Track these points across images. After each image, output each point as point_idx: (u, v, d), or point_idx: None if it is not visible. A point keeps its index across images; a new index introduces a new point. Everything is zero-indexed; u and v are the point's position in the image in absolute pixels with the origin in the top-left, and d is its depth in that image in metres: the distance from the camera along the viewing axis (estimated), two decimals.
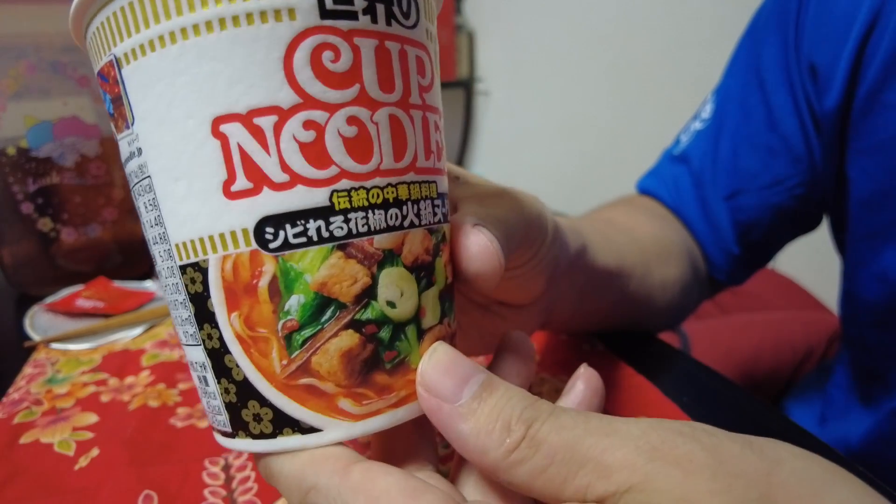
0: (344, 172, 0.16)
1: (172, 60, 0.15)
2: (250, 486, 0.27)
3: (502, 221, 0.22)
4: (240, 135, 0.15)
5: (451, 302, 0.19)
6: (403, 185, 0.17)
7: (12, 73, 0.45)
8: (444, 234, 0.19)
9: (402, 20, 0.16)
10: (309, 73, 0.15)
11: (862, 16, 0.35)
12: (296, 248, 0.16)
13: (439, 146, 0.19)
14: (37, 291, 0.50)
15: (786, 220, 0.45)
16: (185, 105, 0.15)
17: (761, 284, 0.89)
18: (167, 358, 0.39)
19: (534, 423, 0.16)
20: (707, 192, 0.46)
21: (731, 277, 0.48)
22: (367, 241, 0.16)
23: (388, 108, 0.16)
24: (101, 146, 0.49)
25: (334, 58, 0.15)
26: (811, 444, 0.29)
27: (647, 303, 0.40)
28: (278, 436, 0.17)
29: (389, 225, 0.16)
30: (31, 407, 0.34)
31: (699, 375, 0.37)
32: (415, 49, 0.17)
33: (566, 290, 0.32)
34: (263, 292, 0.16)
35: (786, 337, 0.68)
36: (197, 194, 0.16)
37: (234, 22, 0.15)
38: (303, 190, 0.15)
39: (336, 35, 0.15)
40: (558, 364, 0.37)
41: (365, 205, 0.16)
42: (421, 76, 0.17)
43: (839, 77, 0.37)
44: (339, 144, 0.15)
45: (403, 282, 0.17)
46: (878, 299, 0.40)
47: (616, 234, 0.39)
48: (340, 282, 0.16)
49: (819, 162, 0.41)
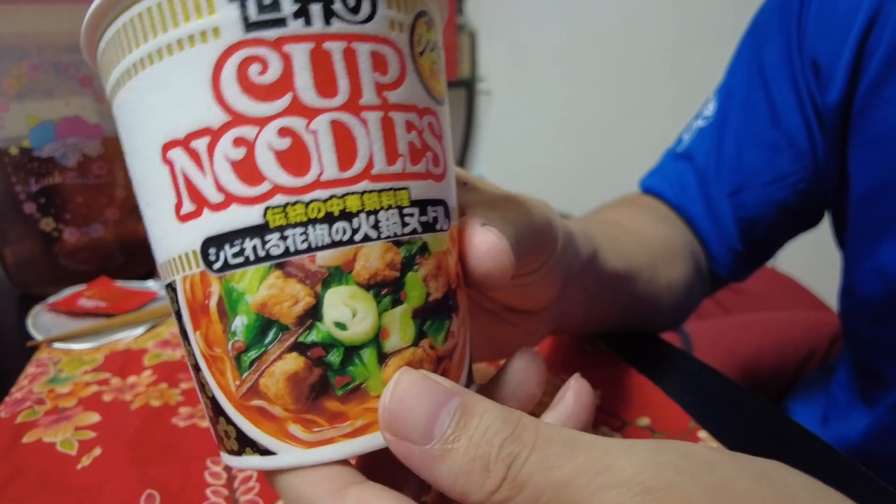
0: (278, 188, 0.15)
1: (132, 93, 0.16)
2: (252, 486, 0.27)
3: (511, 223, 0.21)
4: (181, 159, 0.15)
5: (440, 320, 0.17)
6: (354, 195, 0.15)
7: (15, 73, 0.45)
8: (426, 244, 0.17)
9: (346, 16, 0.15)
10: (236, 89, 0.15)
11: (863, 13, 0.36)
12: (235, 268, 0.15)
13: (418, 148, 0.17)
14: (39, 291, 0.50)
15: (788, 216, 0.45)
16: (143, 134, 0.16)
17: (763, 284, 0.89)
18: (169, 357, 0.39)
19: (515, 460, 0.15)
20: (711, 188, 0.46)
21: (733, 274, 0.48)
22: (309, 258, 0.15)
23: (329, 113, 0.15)
24: (104, 146, 0.50)
25: (262, 70, 0.15)
26: (813, 444, 0.29)
27: (654, 304, 0.40)
28: (243, 454, 0.17)
29: (335, 240, 0.15)
30: (34, 406, 0.34)
31: (701, 375, 0.37)
32: (369, 45, 0.16)
33: (577, 295, 0.31)
34: (214, 313, 0.16)
35: (788, 337, 0.68)
36: (160, 218, 0.16)
37: (168, 50, 0.15)
38: (237, 209, 0.15)
39: (263, 46, 0.15)
40: (560, 364, 0.37)
41: (303, 220, 0.15)
42: (380, 73, 0.16)
43: (841, 73, 0.37)
44: (270, 158, 0.15)
45: (356, 301, 0.16)
46: (875, 294, 0.41)
47: (623, 236, 0.39)
48: (280, 302, 0.15)
49: (822, 158, 0.42)
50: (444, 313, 0.18)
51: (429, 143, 0.17)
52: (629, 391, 0.34)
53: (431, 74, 0.18)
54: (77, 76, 0.47)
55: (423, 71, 0.17)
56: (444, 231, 0.18)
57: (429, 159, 0.17)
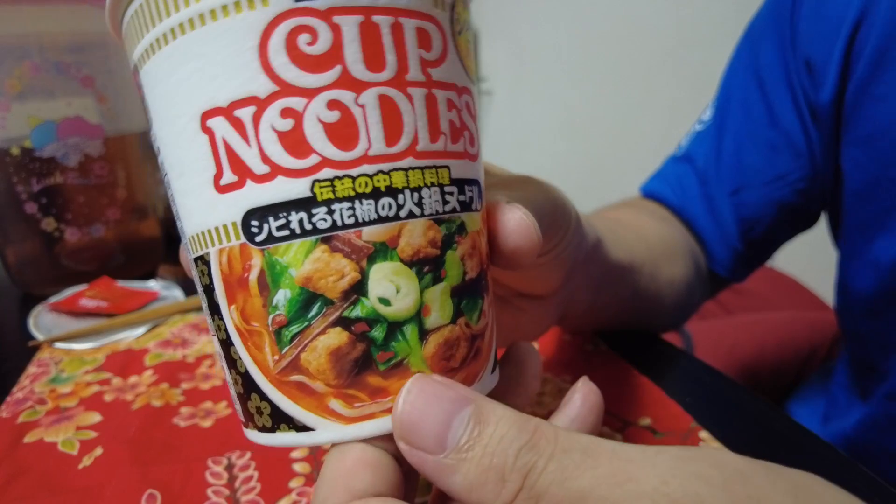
0: (326, 161, 0.15)
1: (166, 61, 0.15)
2: (253, 486, 0.27)
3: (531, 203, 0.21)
4: (223, 128, 0.15)
5: (474, 299, 0.18)
6: (399, 171, 0.15)
7: (16, 74, 0.45)
8: (463, 223, 0.17)
9: None
10: (284, 59, 0.14)
11: (851, 14, 0.37)
12: (280, 241, 0.15)
13: (457, 126, 0.17)
14: (41, 291, 0.50)
15: (788, 215, 0.46)
16: (178, 103, 0.16)
17: (764, 284, 0.89)
18: (170, 357, 0.39)
19: (531, 470, 0.14)
20: (712, 188, 0.47)
21: (733, 273, 0.49)
22: (355, 233, 0.15)
23: (377, 87, 0.15)
24: (105, 146, 0.50)
25: (311, 40, 0.14)
26: (814, 444, 0.29)
27: (655, 301, 0.40)
28: (276, 431, 0.17)
29: (381, 216, 0.15)
30: (35, 406, 0.34)
31: (702, 376, 0.37)
32: (414, 20, 0.15)
33: (582, 283, 0.32)
34: (254, 286, 0.16)
35: (789, 337, 0.68)
36: (195, 189, 0.16)
37: (211, 16, 0.14)
38: (283, 181, 0.15)
39: (313, 16, 0.14)
40: (562, 364, 0.37)
41: (351, 195, 0.15)
42: (424, 49, 0.16)
43: (832, 71, 0.39)
44: (319, 131, 0.15)
45: (400, 277, 0.16)
46: (869, 288, 0.41)
47: (624, 231, 0.39)
48: (326, 276, 0.15)
49: (819, 156, 0.43)
50: (478, 292, 0.18)
51: (466, 123, 0.17)
52: (630, 391, 0.34)
53: (467, 54, 0.18)
54: (78, 76, 0.47)
55: (462, 50, 0.17)
56: (478, 211, 0.18)
57: (466, 138, 0.17)
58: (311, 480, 0.27)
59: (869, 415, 0.44)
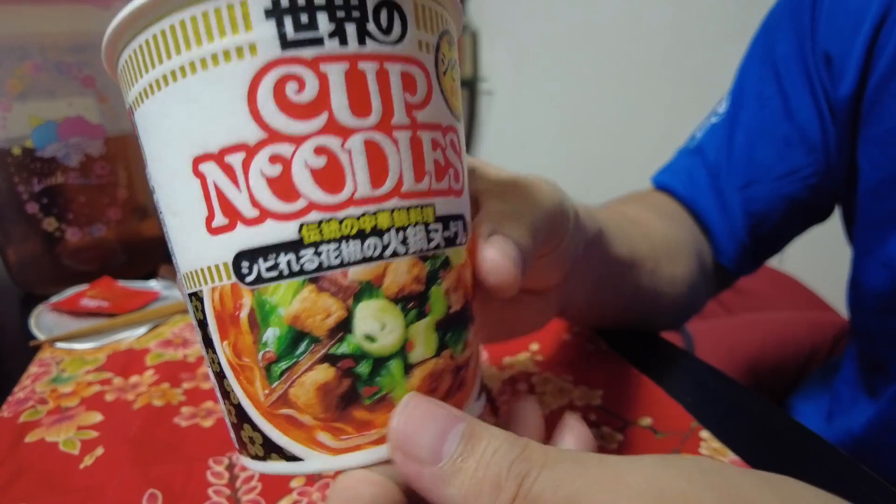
0: (313, 205, 0.15)
1: (159, 105, 0.16)
2: (254, 486, 0.27)
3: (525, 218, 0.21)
4: (215, 173, 0.15)
5: (458, 331, 0.18)
6: (384, 212, 0.16)
7: (17, 74, 0.45)
8: (448, 258, 0.18)
9: (380, 37, 0.16)
10: (272, 107, 0.15)
11: (875, 8, 0.37)
12: (269, 281, 0.16)
13: (442, 165, 0.17)
14: (42, 291, 0.50)
15: (798, 210, 0.46)
16: (173, 146, 0.16)
17: (766, 284, 0.88)
18: (171, 357, 0.39)
19: (526, 477, 0.15)
20: (722, 182, 0.47)
21: (739, 266, 0.49)
22: (342, 273, 0.16)
23: (362, 133, 0.16)
24: (106, 146, 0.50)
25: (299, 88, 0.15)
26: (815, 444, 0.29)
27: (656, 298, 0.40)
28: (268, 460, 0.17)
29: (366, 256, 0.16)
30: (37, 406, 0.34)
31: (703, 375, 0.37)
32: (399, 65, 0.16)
33: (582, 276, 0.32)
34: (244, 324, 0.16)
35: (790, 336, 0.68)
36: (188, 229, 0.17)
37: (202, 65, 0.15)
38: (272, 224, 0.15)
39: (300, 65, 0.15)
40: (562, 364, 0.37)
41: (337, 236, 0.16)
42: (410, 92, 0.16)
43: (852, 67, 0.38)
44: (307, 176, 0.15)
45: (385, 314, 0.16)
46: (882, 286, 0.41)
47: (629, 226, 0.39)
48: (313, 315, 0.16)
49: (833, 151, 0.42)
50: (463, 324, 0.18)
51: (451, 160, 0.18)
52: (631, 391, 0.34)
53: (452, 92, 0.18)
54: (79, 76, 0.47)
55: (447, 89, 0.18)
56: (462, 244, 0.19)
57: (451, 175, 0.18)
58: (311, 481, 0.27)
59: (878, 415, 0.44)
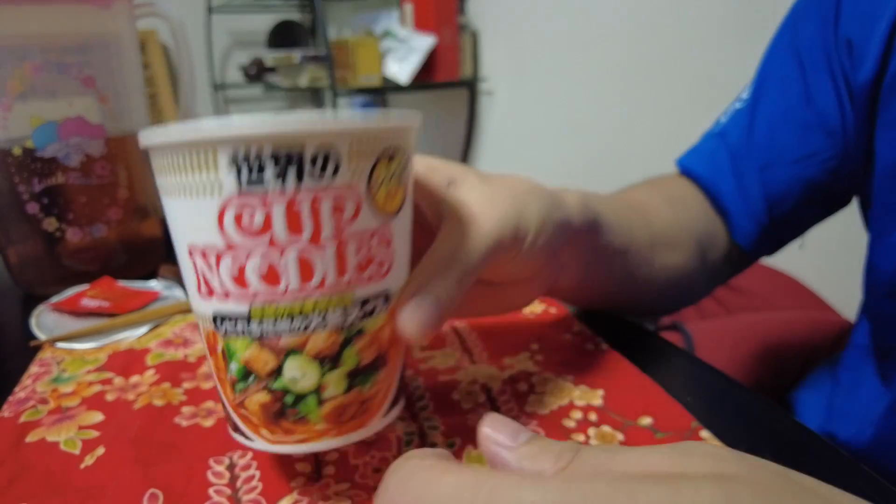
0: (258, 294, 0.21)
1: (168, 203, 0.22)
2: (255, 486, 0.27)
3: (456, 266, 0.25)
4: (200, 261, 0.22)
5: (367, 376, 0.23)
6: (310, 301, 0.21)
7: (18, 74, 0.45)
8: (362, 329, 0.23)
9: (314, 179, 0.20)
10: (234, 227, 0.20)
11: None
12: (231, 335, 0.22)
13: (364, 261, 0.22)
14: (42, 291, 0.50)
15: (816, 194, 0.46)
16: (178, 234, 0.22)
17: (765, 284, 0.89)
18: (172, 357, 0.39)
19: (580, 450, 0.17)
20: (742, 164, 0.48)
21: (756, 247, 0.49)
22: (276, 338, 0.22)
23: (296, 246, 0.21)
24: (107, 146, 0.50)
25: (251, 217, 0.20)
26: (815, 444, 0.29)
27: (648, 284, 0.43)
28: (235, 433, 0.25)
29: (293, 329, 0.21)
30: (37, 406, 0.34)
31: (703, 375, 0.37)
32: (331, 195, 0.21)
33: (569, 261, 0.35)
34: (219, 356, 0.23)
35: (790, 336, 0.68)
36: (191, 290, 0.23)
37: (187, 191, 0.21)
38: (233, 302, 0.21)
39: (252, 200, 0.20)
40: (563, 364, 0.37)
41: (273, 317, 0.21)
42: (338, 214, 0.21)
43: (873, 51, 0.39)
44: (255, 275, 0.21)
45: (305, 367, 0.22)
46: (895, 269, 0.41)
47: (631, 214, 0.42)
48: (257, 362, 0.22)
49: (852, 136, 0.43)
50: (373, 371, 0.24)
51: (375, 255, 0.22)
52: (631, 391, 0.34)
53: (387, 199, 0.22)
54: (80, 77, 0.47)
55: (378, 202, 0.22)
56: (382, 313, 0.23)
57: (374, 265, 0.23)
58: (311, 480, 0.27)
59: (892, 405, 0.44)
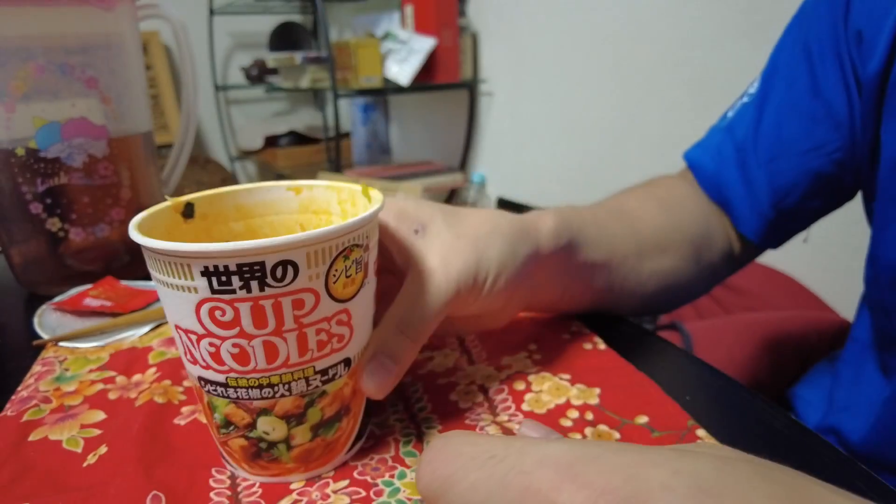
0: (232, 369, 0.25)
1: (158, 288, 0.26)
2: (255, 490, 0.27)
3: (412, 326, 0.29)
4: (184, 337, 0.26)
5: (330, 426, 0.27)
6: (276, 375, 0.25)
7: (21, 75, 0.45)
8: (326, 391, 0.27)
9: (275, 284, 0.23)
10: (208, 320, 0.24)
11: None
12: (213, 395, 0.26)
13: (325, 339, 0.26)
14: (45, 290, 0.50)
15: (822, 185, 0.47)
16: (169, 313, 0.26)
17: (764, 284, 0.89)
18: (173, 355, 0.39)
19: None
20: (748, 157, 0.48)
21: (761, 238, 0.50)
22: (249, 401, 0.26)
23: (261, 336, 0.24)
24: (109, 147, 0.50)
25: (222, 314, 0.24)
26: (813, 443, 0.30)
27: (634, 291, 0.43)
28: (224, 460, 0.29)
29: (263, 396, 0.26)
30: (40, 405, 0.34)
31: (701, 374, 0.37)
32: (291, 296, 0.24)
33: (544, 282, 0.37)
34: (206, 406, 0.27)
35: (789, 336, 0.68)
36: (182, 355, 0.27)
37: (172, 286, 0.24)
38: (212, 372, 0.26)
39: (222, 301, 0.24)
40: (560, 363, 0.37)
41: (245, 386, 0.25)
42: (298, 310, 0.24)
43: (882, 43, 0.40)
44: (228, 356, 0.25)
45: (275, 423, 0.26)
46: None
47: (616, 224, 0.42)
48: (235, 417, 0.26)
49: (859, 127, 0.43)
50: (335, 421, 0.28)
51: (335, 333, 0.26)
52: (628, 389, 0.34)
53: (345, 287, 0.26)
54: (83, 77, 0.48)
55: (336, 291, 0.25)
56: (343, 377, 0.27)
57: (334, 341, 0.26)
58: (311, 482, 0.27)
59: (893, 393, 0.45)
